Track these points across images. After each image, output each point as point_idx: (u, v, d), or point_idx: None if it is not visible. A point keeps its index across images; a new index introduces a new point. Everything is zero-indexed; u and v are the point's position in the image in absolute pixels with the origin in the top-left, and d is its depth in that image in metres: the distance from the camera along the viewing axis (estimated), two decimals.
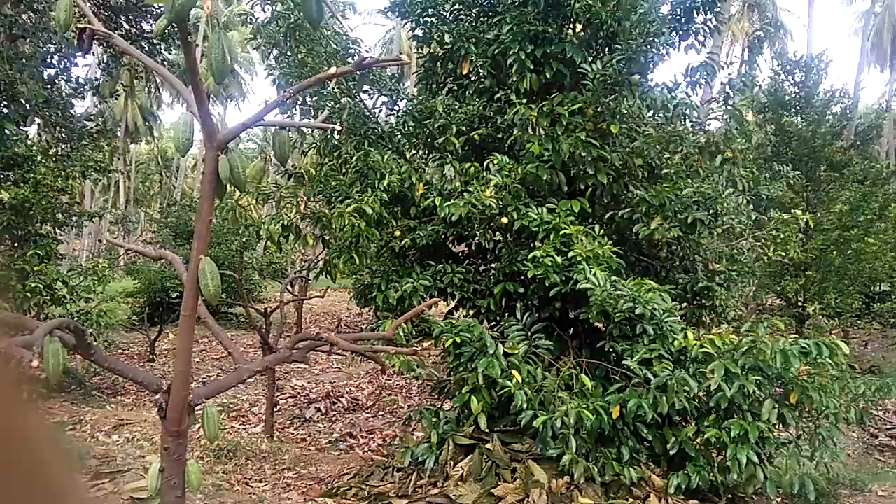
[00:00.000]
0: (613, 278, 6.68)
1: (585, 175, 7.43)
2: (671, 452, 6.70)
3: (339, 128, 3.42)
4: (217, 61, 2.39)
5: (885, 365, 17.19)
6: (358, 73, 8.28)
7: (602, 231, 7.38)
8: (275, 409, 10.75)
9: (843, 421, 6.79)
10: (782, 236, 8.09)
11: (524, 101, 7.51)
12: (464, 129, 7.88)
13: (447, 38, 8.36)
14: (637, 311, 6.49)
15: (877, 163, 19.48)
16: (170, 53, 14.35)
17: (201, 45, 2.76)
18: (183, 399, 3.18)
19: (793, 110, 17.02)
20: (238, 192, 4.70)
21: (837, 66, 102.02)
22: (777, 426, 6.59)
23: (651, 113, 7.84)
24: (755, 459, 6.18)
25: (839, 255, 15.38)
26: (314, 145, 8.63)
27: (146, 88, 38.14)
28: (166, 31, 10.84)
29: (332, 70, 2.80)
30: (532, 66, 7.79)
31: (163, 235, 21.25)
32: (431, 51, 8.87)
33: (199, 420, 3.49)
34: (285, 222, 7.34)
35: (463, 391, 6.96)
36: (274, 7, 8.62)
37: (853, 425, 7.24)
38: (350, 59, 8.24)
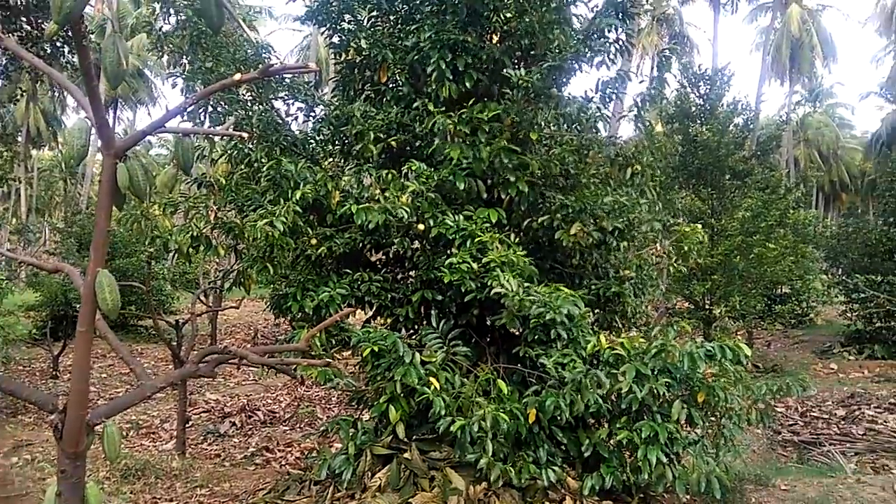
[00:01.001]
0: (527, 284, 6.76)
1: (505, 183, 7.49)
2: (585, 454, 6.83)
3: (245, 135, 3.33)
4: (112, 65, 2.29)
5: (787, 363, 18.05)
6: (271, 79, 8.13)
7: (517, 239, 7.46)
8: (187, 425, 10.41)
9: (745, 421, 7.06)
10: (685, 248, 8.39)
11: (443, 109, 7.54)
12: (381, 135, 7.83)
13: (364, 45, 8.29)
14: (548, 317, 6.58)
15: (776, 171, 20.51)
16: (74, 56, 13.76)
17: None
18: (80, 419, 3.04)
19: (698, 121, 17.73)
20: (144, 202, 4.53)
21: (741, 80, 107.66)
22: (685, 426, 6.80)
23: (566, 125, 7.98)
24: (664, 459, 6.35)
25: (742, 260, 16.05)
26: (226, 153, 8.40)
27: (49, 92, 36.53)
28: (66, 33, 10.39)
29: (238, 76, 2.73)
30: (451, 76, 7.81)
31: (66, 246, 20.30)
32: (349, 57, 8.78)
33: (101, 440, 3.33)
34: (194, 233, 7.11)
35: (381, 401, 6.89)
36: (178, 17, 8.38)
37: (756, 424, 7.52)
38: (261, 66, 8.08)
